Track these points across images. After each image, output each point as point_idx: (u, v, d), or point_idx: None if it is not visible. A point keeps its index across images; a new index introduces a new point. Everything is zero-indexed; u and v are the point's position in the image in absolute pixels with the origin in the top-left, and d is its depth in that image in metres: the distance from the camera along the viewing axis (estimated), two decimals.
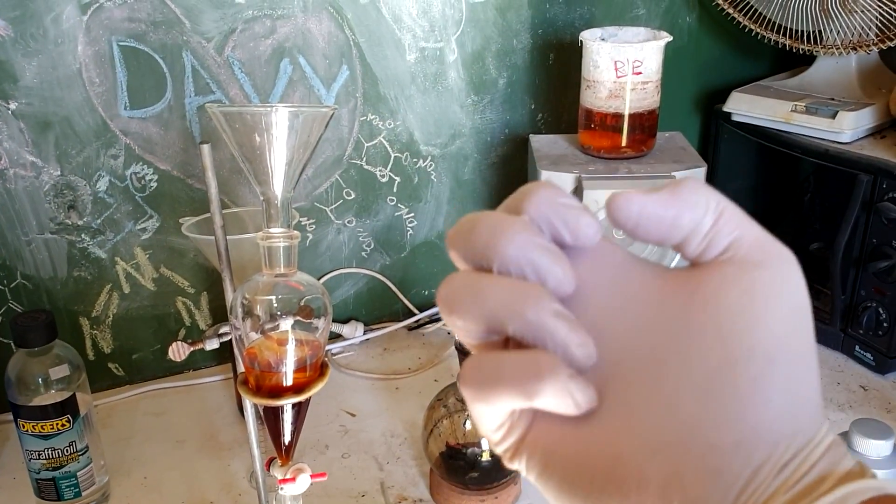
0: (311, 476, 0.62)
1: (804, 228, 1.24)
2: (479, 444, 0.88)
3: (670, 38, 0.98)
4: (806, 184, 1.23)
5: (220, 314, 1.14)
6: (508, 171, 1.25)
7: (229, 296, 0.66)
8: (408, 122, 1.16)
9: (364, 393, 1.11)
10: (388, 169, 1.18)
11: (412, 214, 1.22)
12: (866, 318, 1.09)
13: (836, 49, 1.13)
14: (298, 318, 0.60)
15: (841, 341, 1.14)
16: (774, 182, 1.28)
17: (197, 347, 0.67)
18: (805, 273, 1.10)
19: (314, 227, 1.17)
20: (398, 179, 1.19)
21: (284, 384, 0.59)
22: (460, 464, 0.88)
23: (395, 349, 1.21)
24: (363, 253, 1.22)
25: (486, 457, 0.88)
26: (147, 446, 1.01)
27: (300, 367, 0.60)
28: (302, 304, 0.60)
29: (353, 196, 1.17)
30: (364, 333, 1.23)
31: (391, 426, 1.04)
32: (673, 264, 1.00)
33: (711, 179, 1.02)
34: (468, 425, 0.88)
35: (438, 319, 1.27)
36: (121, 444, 1.01)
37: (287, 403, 0.59)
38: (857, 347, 1.12)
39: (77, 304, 1.07)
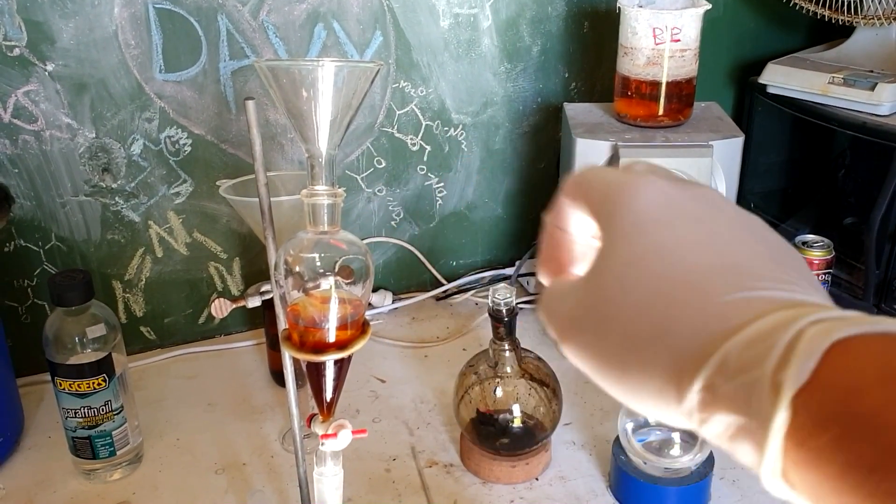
0: (352, 432, 0.62)
1: (838, 203, 1.22)
2: (509, 411, 0.88)
3: (709, 6, 0.97)
4: (841, 157, 1.21)
5: (252, 280, 1.15)
6: (540, 141, 1.24)
7: (272, 254, 0.66)
8: (440, 89, 1.15)
9: (393, 360, 1.11)
10: (419, 137, 1.17)
11: (442, 184, 1.22)
12: None
13: (877, 19, 1.11)
14: (338, 277, 0.60)
15: None
16: (809, 155, 1.26)
17: (239, 305, 0.67)
18: (838, 248, 1.09)
19: (345, 195, 1.16)
20: (429, 148, 1.19)
21: (328, 341, 0.59)
22: (491, 430, 0.88)
23: (423, 318, 1.22)
24: (392, 222, 1.22)
25: (516, 423, 0.88)
26: (179, 409, 1.02)
27: (342, 325, 0.60)
28: (340, 263, 0.60)
29: (383, 165, 1.17)
30: (392, 303, 1.23)
31: (421, 393, 1.04)
32: None
33: (745, 152, 1.01)
34: (499, 392, 0.88)
35: (466, 290, 1.27)
36: (153, 407, 1.02)
37: (330, 359, 0.59)
38: None
39: (110, 267, 1.07)
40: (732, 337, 0.27)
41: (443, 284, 1.27)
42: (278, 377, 1.05)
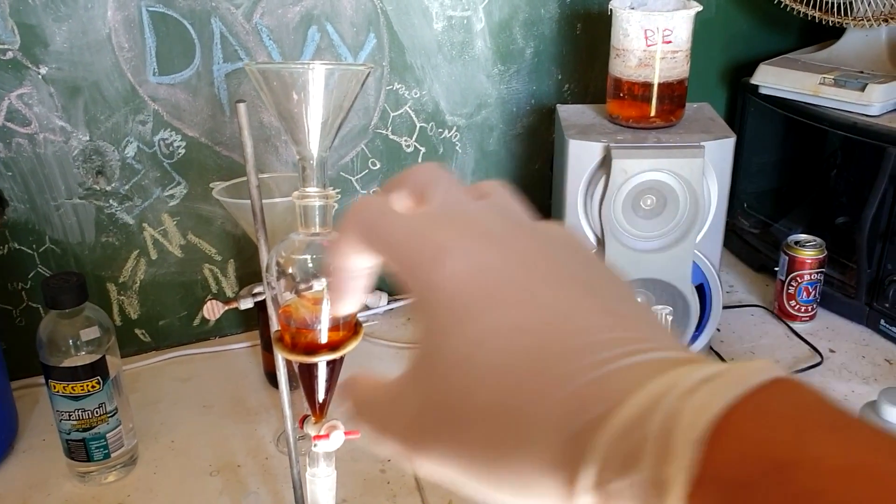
0: (345, 433, 0.63)
1: (830, 202, 1.23)
2: None
3: (700, 8, 0.97)
4: (833, 157, 1.22)
5: (246, 282, 1.15)
6: (533, 142, 1.25)
7: (264, 256, 0.66)
8: (434, 91, 1.16)
9: (388, 361, 1.11)
10: (414, 139, 1.18)
11: None
12: (892, 291, 1.08)
13: (867, 21, 1.12)
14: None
15: (866, 315, 1.14)
16: (801, 156, 1.27)
17: (231, 307, 0.67)
18: (830, 247, 1.09)
19: (339, 196, 1.16)
20: (423, 150, 1.19)
21: (319, 342, 0.59)
22: None
23: None
24: None
25: None
26: (174, 411, 1.02)
27: (334, 326, 0.60)
28: None
29: (378, 166, 1.17)
30: (388, 304, 1.24)
31: None
32: None
33: (738, 153, 1.02)
34: None
35: None
36: (148, 409, 1.02)
37: (322, 360, 0.59)
38: (882, 321, 1.12)
39: (104, 269, 1.07)
40: (604, 427, 0.24)
41: None
42: (273, 379, 1.05)
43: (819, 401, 0.23)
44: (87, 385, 0.86)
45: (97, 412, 0.87)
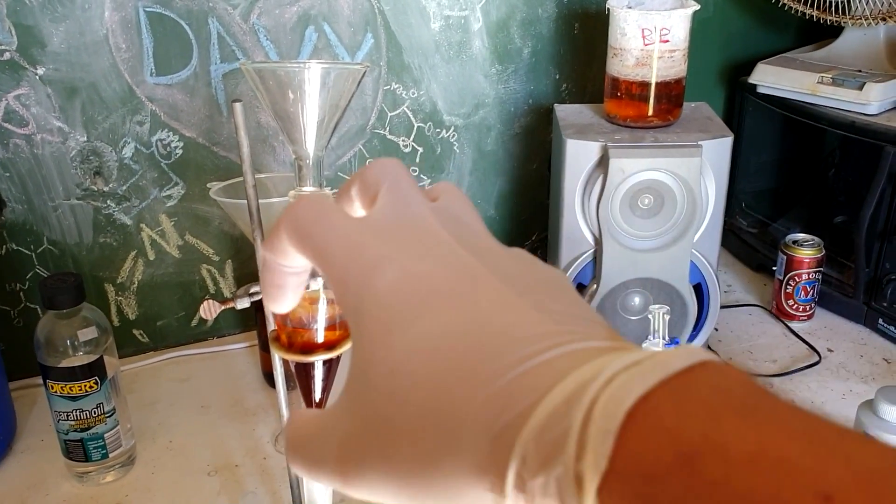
0: None
1: (829, 201, 1.23)
2: None
3: (698, 7, 0.97)
4: (831, 157, 1.22)
5: (244, 282, 1.15)
6: (531, 142, 1.25)
7: (260, 256, 0.66)
8: (431, 91, 1.16)
9: None
10: (412, 139, 1.18)
11: None
12: (890, 291, 1.08)
13: (865, 20, 1.12)
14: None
15: (864, 314, 1.14)
16: (799, 155, 1.27)
17: (228, 306, 0.67)
18: (829, 246, 1.09)
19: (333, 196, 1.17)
20: (421, 150, 1.19)
21: (316, 341, 0.59)
22: None
23: None
24: None
25: None
26: (172, 411, 1.02)
27: (330, 325, 0.60)
28: None
29: None
30: None
31: None
32: None
33: (736, 152, 1.02)
34: None
35: None
36: (146, 409, 1.02)
37: (319, 360, 0.59)
38: (880, 321, 1.12)
39: (102, 270, 1.07)
40: (526, 423, 0.23)
41: None
42: (271, 379, 1.05)
43: (741, 383, 0.22)
44: (85, 385, 0.86)
45: (95, 412, 0.87)
